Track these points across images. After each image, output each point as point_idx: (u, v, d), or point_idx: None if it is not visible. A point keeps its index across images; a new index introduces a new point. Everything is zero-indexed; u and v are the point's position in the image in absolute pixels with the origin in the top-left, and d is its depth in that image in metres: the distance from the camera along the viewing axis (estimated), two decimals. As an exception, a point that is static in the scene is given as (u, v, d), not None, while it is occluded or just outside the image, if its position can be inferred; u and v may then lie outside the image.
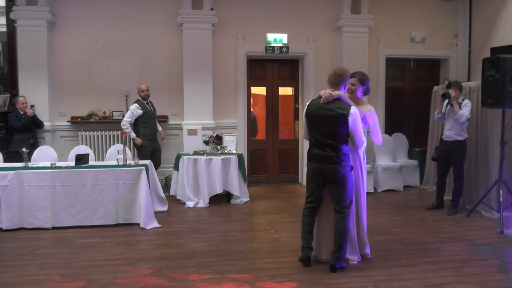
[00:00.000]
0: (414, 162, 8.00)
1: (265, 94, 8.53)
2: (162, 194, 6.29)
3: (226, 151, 6.88)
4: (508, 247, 4.70)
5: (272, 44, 7.97)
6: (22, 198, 5.38)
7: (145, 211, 5.50)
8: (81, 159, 5.84)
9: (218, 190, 6.63)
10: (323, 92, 3.94)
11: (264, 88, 8.52)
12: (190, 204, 6.56)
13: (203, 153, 6.78)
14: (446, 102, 6.16)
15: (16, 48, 7.28)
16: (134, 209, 5.61)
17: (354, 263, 4.18)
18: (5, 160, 6.49)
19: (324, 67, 7.85)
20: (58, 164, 5.81)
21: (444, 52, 8.51)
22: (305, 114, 4.06)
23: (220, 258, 4.40)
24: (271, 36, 7.96)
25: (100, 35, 7.61)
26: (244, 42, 7.90)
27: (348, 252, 4.13)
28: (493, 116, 6.05)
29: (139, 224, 5.51)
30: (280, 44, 7.98)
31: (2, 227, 5.34)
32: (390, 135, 8.11)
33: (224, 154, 6.78)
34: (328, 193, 4.08)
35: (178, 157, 6.83)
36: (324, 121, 3.89)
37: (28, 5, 7.17)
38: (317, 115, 3.93)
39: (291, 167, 8.56)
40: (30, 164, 5.81)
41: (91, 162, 6.07)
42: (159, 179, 6.61)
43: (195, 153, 6.82)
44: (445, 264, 4.19)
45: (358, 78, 4.21)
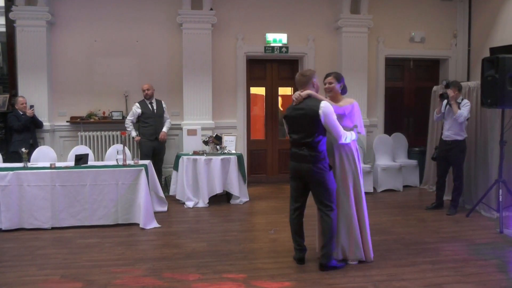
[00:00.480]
0: (414, 162, 8.00)
1: (264, 94, 8.53)
2: (162, 194, 6.29)
3: (226, 151, 6.88)
4: (507, 247, 4.70)
5: (272, 44, 7.97)
6: (21, 198, 5.38)
7: (144, 211, 5.50)
8: (80, 159, 5.84)
9: (218, 190, 6.62)
10: (293, 95, 4.05)
11: (263, 88, 8.52)
12: (190, 204, 6.56)
13: (202, 153, 6.78)
14: (445, 102, 6.17)
15: (16, 48, 7.27)
16: (134, 209, 5.61)
17: (355, 262, 4.17)
18: (4, 160, 6.49)
19: (323, 67, 7.82)
20: (58, 164, 5.81)
21: (443, 52, 8.52)
22: (283, 118, 4.19)
23: (220, 258, 4.40)
24: (270, 36, 7.96)
25: (100, 35, 7.61)
26: (243, 42, 7.90)
27: (350, 253, 4.13)
28: (492, 116, 6.05)
29: (138, 224, 5.51)
30: (280, 44, 7.99)
31: (2, 228, 5.33)
32: (390, 135, 8.11)
33: (224, 154, 6.78)
34: None
35: (178, 157, 6.83)
36: (299, 120, 3.97)
37: (28, 5, 7.17)
38: (292, 117, 4.03)
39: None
40: (29, 164, 5.81)
41: (91, 162, 6.07)
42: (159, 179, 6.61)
43: (195, 153, 6.81)
44: (444, 264, 4.19)
45: (333, 76, 4.25)
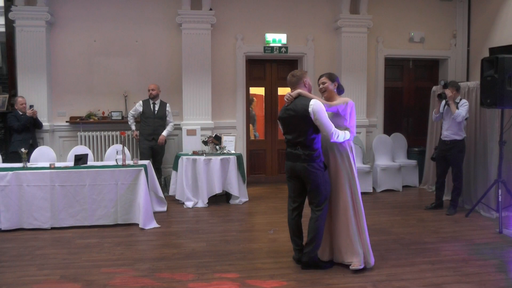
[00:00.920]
0: (413, 162, 8.00)
1: (264, 94, 8.53)
2: (161, 194, 6.29)
3: (225, 151, 6.88)
4: (507, 247, 4.70)
5: (271, 44, 7.97)
6: (21, 199, 5.38)
7: (144, 211, 5.50)
8: (80, 160, 5.84)
9: (217, 190, 6.62)
10: (285, 96, 4.08)
11: (263, 88, 8.53)
12: (189, 204, 6.56)
13: (202, 153, 6.78)
14: (443, 102, 6.17)
15: (15, 48, 7.27)
16: (133, 209, 5.61)
17: (360, 267, 4.01)
18: (4, 161, 6.48)
19: (323, 67, 7.85)
20: (57, 164, 5.81)
21: (443, 52, 8.52)
22: (278, 119, 4.23)
23: (219, 258, 4.40)
24: (270, 36, 7.96)
25: (99, 35, 7.61)
26: (243, 42, 7.91)
27: (347, 254, 4.10)
28: (492, 116, 6.06)
29: (138, 224, 5.51)
30: (279, 44, 7.99)
31: (1, 228, 5.33)
32: (389, 135, 8.12)
33: (223, 154, 6.78)
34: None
35: (177, 157, 6.83)
36: (291, 120, 4.00)
37: (27, 5, 7.16)
38: (284, 117, 4.06)
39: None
40: (29, 165, 5.81)
41: (90, 163, 6.07)
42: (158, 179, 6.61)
43: (194, 153, 6.81)
44: (444, 264, 4.20)
45: (326, 76, 4.23)
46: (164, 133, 7.14)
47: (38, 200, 5.39)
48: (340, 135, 3.94)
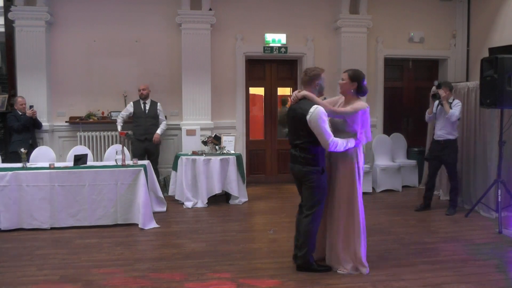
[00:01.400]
0: (413, 162, 8.00)
1: (263, 95, 8.53)
2: (161, 195, 6.29)
3: (225, 151, 6.87)
4: (506, 247, 4.70)
5: (271, 44, 7.97)
6: (20, 199, 5.38)
7: (143, 212, 5.50)
8: (79, 160, 5.83)
9: (217, 191, 6.62)
10: (292, 94, 4.01)
11: (262, 89, 8.52)
12: (189, 204, 6.56)
13: (201, 153, 6.78)
14: (436, 102, 6.19)
15: (15, 49, 7.26)
16: (133, 209, 5.61)
17: (344, 272, 3.96)
18: (3, 161, 6.48)
19: (322, 67, 7.78)
20: (57, 164, 5.81)
21: (442, 52, 8.52)
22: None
23: (219, 258, 4.40)
24: (269, 36, 7.96)
25: (99, 36, 7.60)
26: (242, 43, 7.90)
27: (341, 259, 4.02)
28: (491, 116, 6.06)
29: (137, 225, 5.51)
30: (279, 44, 7.98)
31: (1, 228, 5.33)
32: (389, 135, 8.12)
33: (223, 154, 6.78)
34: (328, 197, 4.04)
35: (177, 157, 6.82)
36: (291, 121, 3.97)
37: (27, 5, 7.16)
38: (288, 117, 4.03)
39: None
40: (28, 165, 5.81)
41: (90, 163, 6.07)
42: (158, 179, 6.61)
43: (194, 153, 6.81)
44: (443, 264, 4.20)
45: (348, 73, 3.99)
46: (158, 131, 7.13)
47: (38, 200, 5.39)
48: (340, 145, 3.74)
